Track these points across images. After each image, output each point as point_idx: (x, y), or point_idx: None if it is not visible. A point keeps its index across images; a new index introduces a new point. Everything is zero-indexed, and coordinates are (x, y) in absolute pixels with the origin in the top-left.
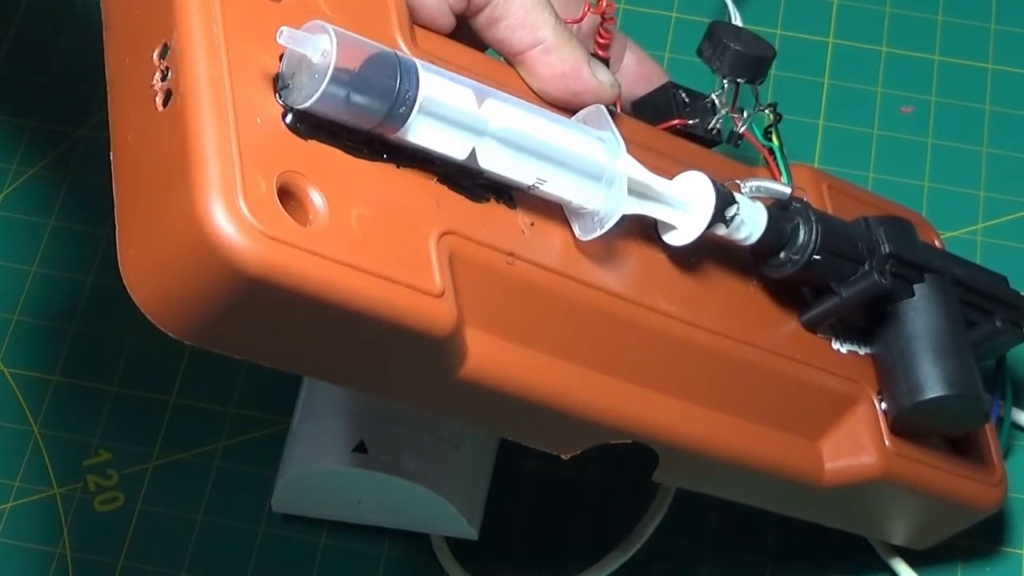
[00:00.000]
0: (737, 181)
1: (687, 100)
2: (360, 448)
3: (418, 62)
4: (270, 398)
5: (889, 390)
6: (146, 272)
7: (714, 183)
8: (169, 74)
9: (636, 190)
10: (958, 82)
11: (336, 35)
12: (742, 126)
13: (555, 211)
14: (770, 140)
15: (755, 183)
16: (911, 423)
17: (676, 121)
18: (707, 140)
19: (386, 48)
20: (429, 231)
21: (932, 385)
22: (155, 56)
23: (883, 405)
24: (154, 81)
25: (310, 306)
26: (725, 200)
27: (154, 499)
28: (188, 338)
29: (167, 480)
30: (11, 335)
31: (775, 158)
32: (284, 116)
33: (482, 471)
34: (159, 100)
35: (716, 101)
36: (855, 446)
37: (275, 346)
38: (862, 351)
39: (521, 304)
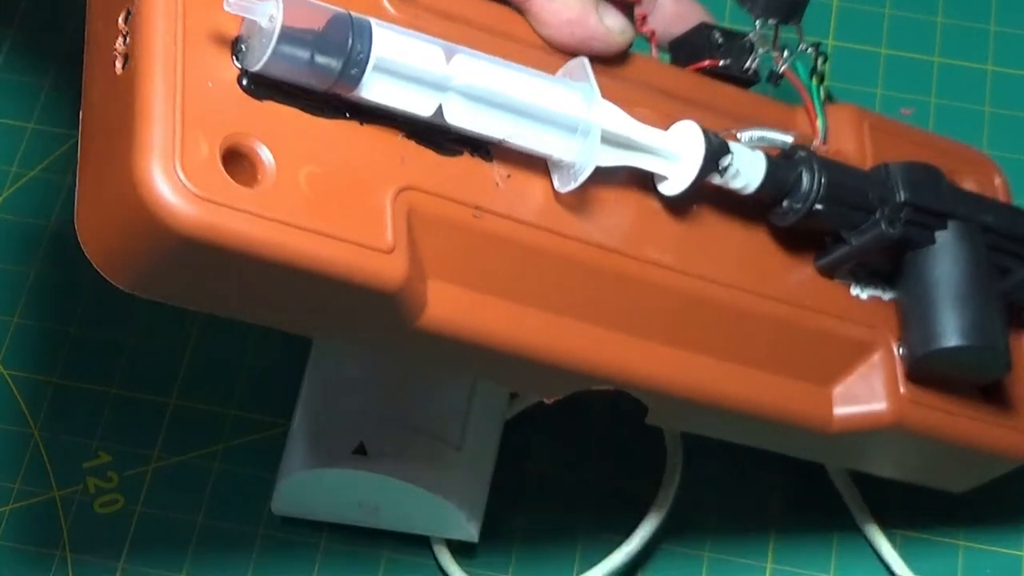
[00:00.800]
0: (734, 131)
1: (722, 40)
2: (360, 450)
3: (374, 21)
4: (270, 400)
5: (905, 337)
6: (95, 228)
7: (706, 133)
8: (127, 38)
9: (616, 141)
10: (958, 84)
11: (280, 5)
12: (783, 65)
13: (536, 164)
14: (813, 80)
15: (753, 132)
16: (927, 371)
17: (708, 62)
18: (743, 80)
19: (338, 9)
20: (386, 187)
21: (947, 335)
22: (120, 20)
23: (901, 351)
24: (117, 45)
25: (250, 264)
26: (717, 150)
27: (154, 501)
28: (136, 291)
29: (167, 482)
30: (11, 337)
31: (811, 98)
32: (240, 79)
33: (482, 473)
34: (119, 64)
35: (754, 40)
36: (868, 393)
37: (223, 298)
38: (885, 296)
39: (489, 256)
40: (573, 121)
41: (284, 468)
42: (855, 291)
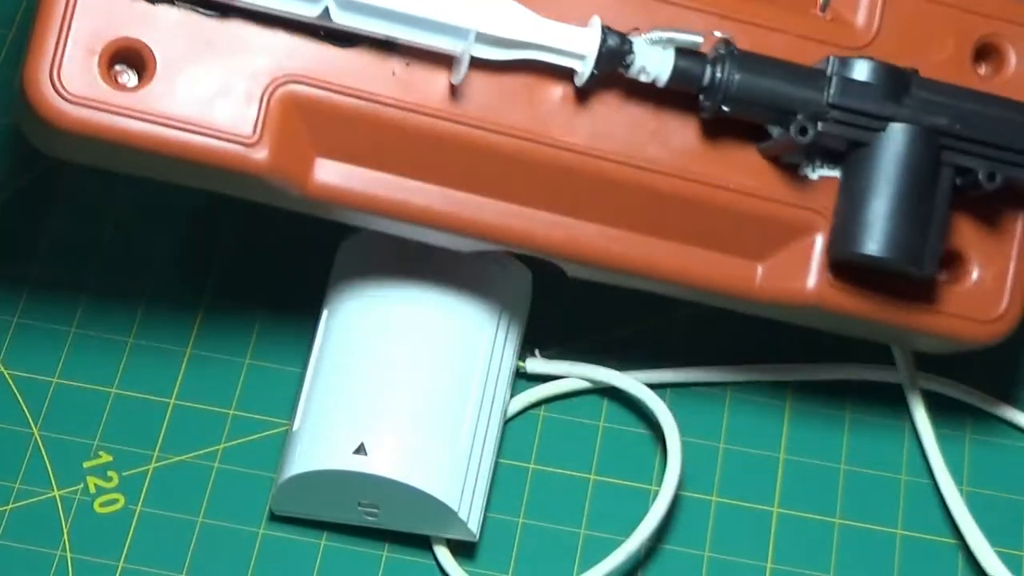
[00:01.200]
0: (638, 28)
1: None
2: (360, 450)
3: None
4: (270, 400)
5: (832, 231)
6: (19, 107)
7: (605, 31)
8: None
9: (506, 40)
10: None
11: None
12: None
13: (440, 55)
14: None
15: (657, 33)
16: (849, 263)
17: None
18: None
19: None
20: (263, 81)
21: (866, 242)
22: None
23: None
24: None
25: (129, 150)
26: (615, 48)
27: (154, 501)
28: (50, 155)
29: (167, 482)
30: (11, 337)
31: None
32: None
33: (482, 472)
34: None
35: None
36: (795, 270)
37: (122, 166)
38: (840, 176)
39: (376, 137)
40: (451, 26)
41: (284, 468)
42: (806, 171)
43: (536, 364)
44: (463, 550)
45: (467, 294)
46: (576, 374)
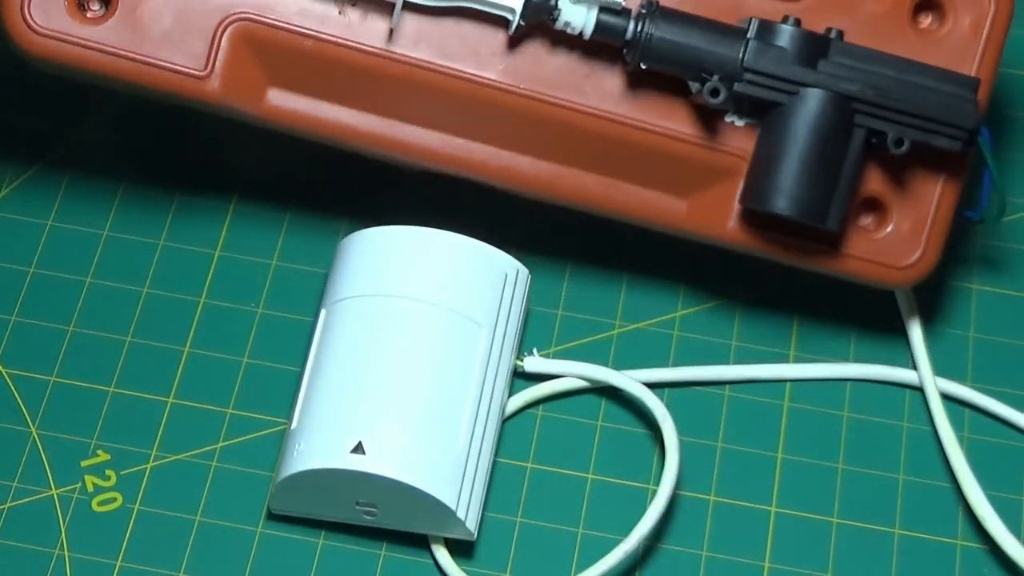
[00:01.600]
0: None
1: None
2: (358, 449)
3: None
4: (268, 399)
5: (745, 182)
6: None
7: None
8: None
9: None
10: None
11: None
12: None
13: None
14: None
15: None
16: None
17: None
18: None
19: None
20: (216, 18)
21: (773, 198)
22: None
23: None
24: None
25: (94, 75)
26: (539, 3)
27: (152, 500)
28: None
29: (165, 481)
30: (9, 335)
31: None
32: None
33: (480, 471)
34: None
35: None
36: (716, 209)
37: (85, 80)
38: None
39: (322, 70)
40: None
41: (282, 467)
42: (732, 118)
43: (534, 363)
44: (461, 549)
45: (465, 293)
46: (574, 373)
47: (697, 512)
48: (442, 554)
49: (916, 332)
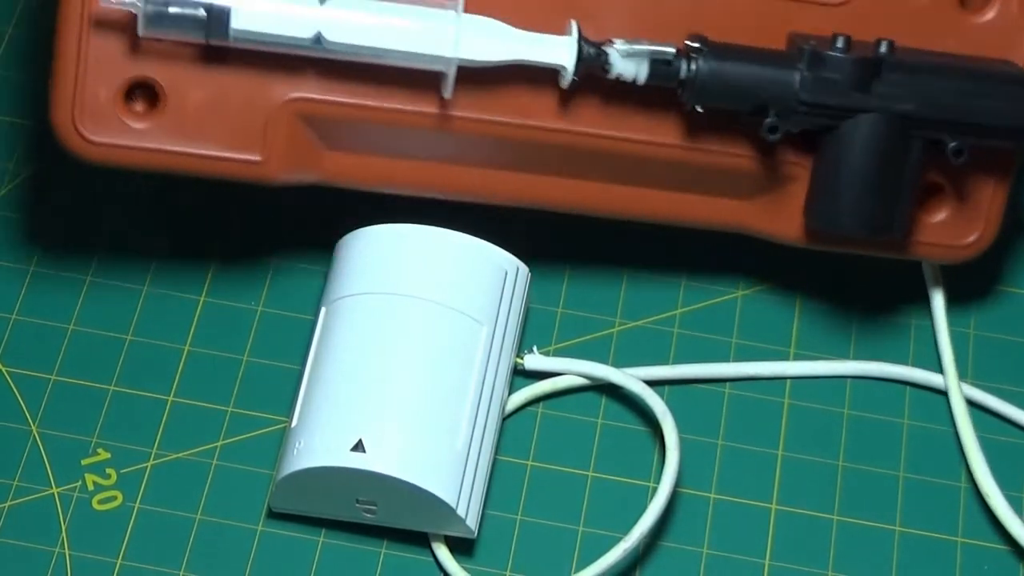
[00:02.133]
0: (614, 40)
1: None
2: (358, 447)
3: None
4: (268, 397)
5: (808, 201)
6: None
7: (580, 44)
8: None
9: (487, 61)
10: None
11: None
12: None
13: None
14: None
15: (630, 46)
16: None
17: None
18: None
19: None
20: (268, 104)
21: (840, 220)
22: None
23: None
24: None
25: (149, 171)
26: (591, 59)
27: (152, 498)
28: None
29: (165, 479)
30: (9, 334)
31: None
32: (138, 26)
33: (480, 469)
34: None
35: None
36: (781, 212)
37: (142, 172)
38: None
39: (378, 134)
40: (432, 56)
41: (282, 465)
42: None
43: (534, 360)
44: (461, 547)
45: (465, 291)
46: (574, 371)
47: (698, 510)
48: (443, 552)
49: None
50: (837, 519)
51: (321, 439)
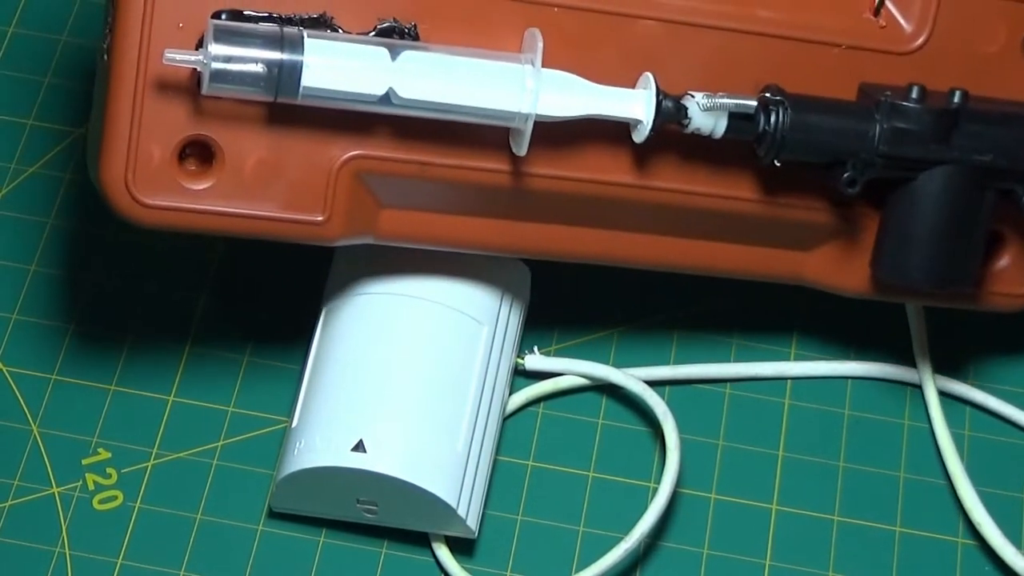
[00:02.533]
0: (692, 93)
1: None
2: (359, 447)
3: (307, 36)
4: (269, 397)
5: (876, 253)
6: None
7: (659, 97)
8: (108, 33)
9: (563, 117)
10: None
11: (210, 53)
12: None
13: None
14: None
15: (709, 99)
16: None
17: None
18: None
19: (270, 29)
20: (330, 163)
21: (913, 275)
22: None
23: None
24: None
25: (205, 233)
26: (669, 113)
27: (153, 498)
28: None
29: (166, 479)
30: (10, 334)
31: None
32: (199, 83)
33: (481, 469)
34: (105, 56)
35: None
36: (844, 262)
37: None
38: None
39: (439, 192)
40: (506, 113)
41: (282, 465)
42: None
43: (535, 361)
44: (462, 547)
45: (466, 291)
46: (575, 371)
47: (698, 510)
48: (443, 552)
49: (919, 331)
50: (837, 519)
51: (322, 439)
